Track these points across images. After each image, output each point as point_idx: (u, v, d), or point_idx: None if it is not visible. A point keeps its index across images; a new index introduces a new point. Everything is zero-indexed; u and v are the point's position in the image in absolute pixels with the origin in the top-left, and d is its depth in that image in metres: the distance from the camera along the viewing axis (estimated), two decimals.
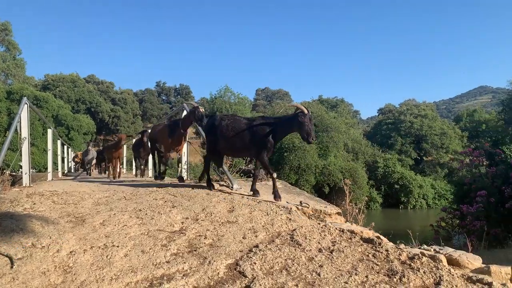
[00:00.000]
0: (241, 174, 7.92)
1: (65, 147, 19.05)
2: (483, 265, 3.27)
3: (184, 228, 3.73)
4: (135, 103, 78.54)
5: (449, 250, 3.48)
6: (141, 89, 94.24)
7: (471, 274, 3.01)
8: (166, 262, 2.98)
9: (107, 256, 3.04)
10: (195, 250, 3.20)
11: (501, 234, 12.57)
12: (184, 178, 7.21)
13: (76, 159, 21.99)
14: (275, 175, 5.19)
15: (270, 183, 5.63)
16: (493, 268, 3.12)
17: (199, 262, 2.97)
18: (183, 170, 7.44)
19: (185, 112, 7.51)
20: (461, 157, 18.65)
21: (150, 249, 3.20)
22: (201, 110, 6.64)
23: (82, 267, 2.87)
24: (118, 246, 3.23)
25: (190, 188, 5.47)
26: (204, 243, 3.36)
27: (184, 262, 2.96)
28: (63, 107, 48.96)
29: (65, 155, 18.74)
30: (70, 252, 3.11)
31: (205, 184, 6.02)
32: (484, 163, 16.19)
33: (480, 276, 2.97)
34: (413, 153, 49.38)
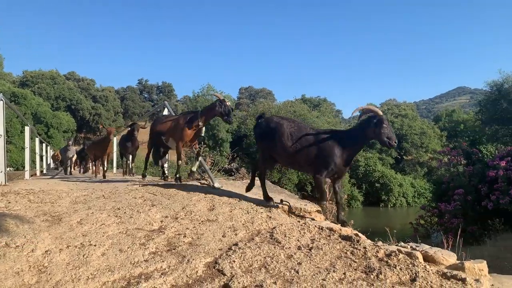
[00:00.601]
0: (223, 173, 7.90)
1: (44, 145, 18.65)
2: (458, 262, 3.34)
3: (163, 226, 3.70)
4: (117, 101, 77.56)
5: (425, 247, 3.54)
6: (122, 86, 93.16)
7: (446, 270, 3.08)
8: (144, 261, 2.96)
9: (83, 255, 2.99)
10: (174, 249, 3.18)
11: (478, 232, 12.90)
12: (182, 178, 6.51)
13: (55, 158, 21.37)
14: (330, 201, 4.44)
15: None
16: (467, 264, 3.20)
17: (177, 261, 2.95)
18: (164, 168, 7.36)
19: (166, 111, 7.43)
20: (440, 156, 19.05)
21: (128, 248, 3.17)
22: (227, 104, 5.90)
23: (57, 266, 2.82)
24: (95, 245, 3.18)
25: (171, 187, 5.42)
26: (184, 241, 3.34)
27: (163, 261, 2.93)
28: (42, 104, 48.00)
29: (44, 153, 18.35)
30: (45, 251, 3.05)
31: (185, 183, 6.00)
32: (462, 162, 16.58)
33: (455, 272, 3.03)
34: (393, 152, 50.14)
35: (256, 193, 5.06)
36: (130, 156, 10.32)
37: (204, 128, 6.37)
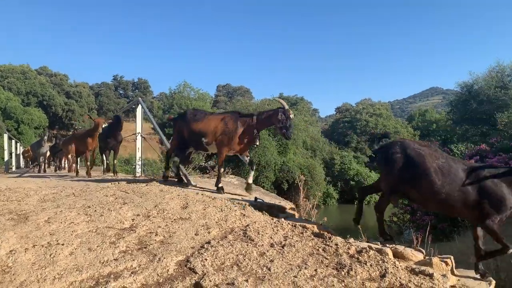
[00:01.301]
0: (197, 171, 7.84)
1: (13, 141, 18.03)
2: (426, 258, 3.44)
3: (134, 225, 3.64)
4: (91, 97, 75.88)
5: (395, 243, 3.62)
6: (97, 82, 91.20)
7: (414, 266, 3.15)
8: (114, 259, 2.90)
9: (50, 255, 2.91)
10: (145, 247, 3.13)
11: (448, 228, 13.27)
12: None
13: (26, 154, 20.40)
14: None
15: (226, 179, 5.63)
16: (435, 260, 3.29)
17: (148, 259, 2.90)
18: (138, 165, 7.24)
19: (140, 107, 7.29)
20: None
21: (97, 246, 3.10)
22: (291, 115, 5.15)
23: (22, 266, 2.72)
24: (63, 244, 3.10)
25: (144, 185, 5.34)
26: (155, 240, 3.29)
27: (133, 260, 2.88)
28: (12, 100, 46.42)
29: (13, 150, 17.74)
30: (10, 251, 2.95)
31: (159, 180, 5.92)
32: None
33: (423, 268, 3.11)
34: (368, 151, 51.00)
35: (230, 190, 5.06)
36: (113, 152, 8.90)
37: (259, 137, 5.50)
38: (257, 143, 5.46)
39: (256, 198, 4.74)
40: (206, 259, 2.92)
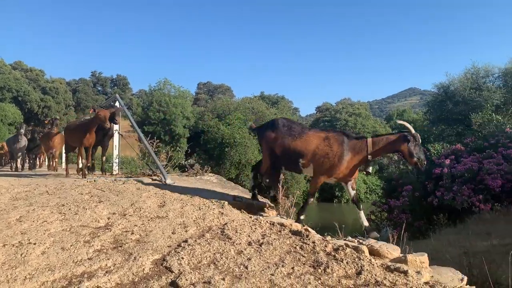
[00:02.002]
0: (176, 169, 7.75)
1: None
2: (401, 255, 3.49)
3: (110, 223, 3.58)
4: (68, 93, 74.18)
5: (372, 241, 3.66)
6: (74, 78, 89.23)
7: (389, 264, 3.20)
8: (88, 259, 2.84)
9: (21, 255, 2.82)
10: (120, 246, 3.08)
11: (424, 226, 13.56)
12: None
13: (1, 151, 19.29)
14: None
15: (205, 177, 5.58)
16: (410, 257, 3.34)
17: (124, 258, 2.86)
18: (115, 163, 7.12)
19: (117, 104, 7.15)
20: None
21: (71, 246, 3.03)
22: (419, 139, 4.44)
23: None
24: (35, 244, 3.02)
25: (120, 183, 5.25)
26: (131, 238, 3.24)
27: (108, 259, 2.83)
28: None
29: None
30: None
31: (137, 178, 5.84)
32: None
33: (398, 265, 3.16)
34: None
35: (209, 188, 5.02)
36: (101, 149, 7.72)
37: (372, 164, 4.81)
38: (370, 171, 4.92)
39: (235, 197, 4.72)
40: (182, 258, 2.89)
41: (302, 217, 4.54)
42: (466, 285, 3.42)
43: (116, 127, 7.04)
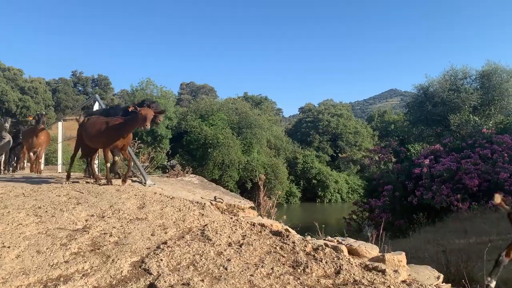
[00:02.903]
0: (156, 169, 7.68)
1: None
2: (380, 254, 3.54)
3: (88, 226, 3.52)
4: (48, 93, 72.71)
5: (351, 240, 3.71)
6: (54, 78, 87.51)
7: (368, 263, 3.24)
8: (64, 262, 2.79)
9: None
10: (98, 249, 3.04)
11: (404, 225, 13.81)
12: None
13: None
14: None
15: (187, 178, 5.55)
16: (388, 256, 3.40)
17: (101, 261, 2.82)
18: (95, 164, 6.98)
19: (97, 104, 7.04)
20: (371, 154, 20.12)
21: (47, 249, 2.97)
22: None
23: None
24: (9, 247, 2.95)
25: (99, 184, 5.17)
26: (109, 241, 3.20)
27: (85, 262, 2.79)
28: None
29: None
30: None
31: (117, 180, 5.76)
32: (392, 160, 17.66)
33: (376, 264, 3.20)
34: (329, 150, 52.08)
35: (190, 189, 5.00)
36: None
37: None
38: None
39: (215, 198, 4.71)
40: (161, 260, 2.87)
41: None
42: (442, 282, 3.50)
43: None
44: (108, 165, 5.61)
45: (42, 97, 68.76)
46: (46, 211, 3.82)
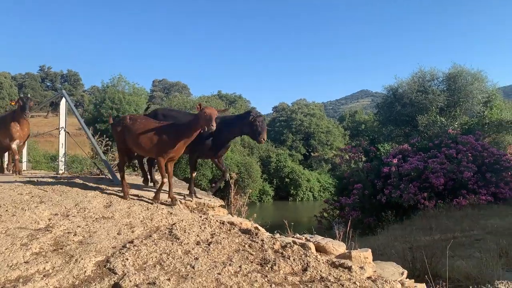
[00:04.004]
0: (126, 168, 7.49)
1: None
2: (346, 251, 3.60)
3: (51, 225, 3.41)
4: (13, 88, 70.03)
5: (318, 238, 3.76)
6: (21, 72, 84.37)
7: (335, 260, 3.29)
8: (24, 262, 2.69)
9: None
10: (61, 248, 2.95)
11: (373, 223, 14.10)
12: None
13: None
14: None
15: (157, 177, 5.45)
16: (354, 253, 3.46)
17: (64, 261, 2.74)
18: (61, 162, 6.75)
19: (64, 100, 6.80)
20: (342, 153, 20.44)
21: (6, 249, 2.86)
22: None
23: None
24: None
25: (65, 183, 5.01)
26: (73, 240, 3.11)
27: (47, 262, 2.70)
28: None
29: None
30: None
31: (85, 178, 5.61)
32: (362, 159, 17.99)
33: (343, 261, 3.25)
34: (302, 149, 52.58)
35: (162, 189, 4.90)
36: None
37: None
38: None
39: (185, 196, 4.65)
40: (127, 259, 2.82)
41: None
42: (406, 278, 3.59)
43: (62, 123, 6.72)
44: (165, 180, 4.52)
45: (7, 92, 66.20)
46: (7, 210, 3.68)
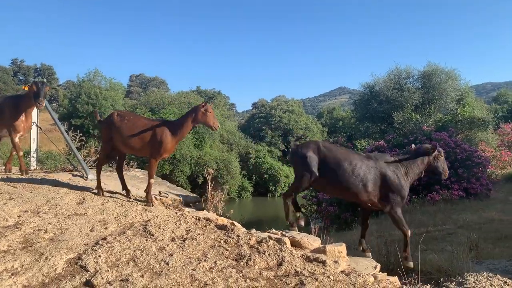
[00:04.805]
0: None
1: None
2: (321, 245, 3.64)
3: (20, 222, 3.32)
4: None
5: (293, 233, 3.79)
6: None
7: (309, 254, 3.32)
8: None
9: None
10: (30, 246, 2.87)
11: (350, 218, 14.30)
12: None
13: None
14: None
15: (131, 173, 5.38)
16: (328, 247, 3.50)
17: (34, 259, 2.67)
18: (33, 158, 6.57)
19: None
20: None
21: None
22: None
23: None
24: None
25: (37, 179, 4.87)
26: (43, 237, 3.04)
27: (15, 260, 2.63)
28: None
29: None
30: None
31: (58, 174, 5.48)
32: None
33: (317, 255, 3.29)
34: (281, 145, 52.84)
35: (134, 184, 4.86)
36: None
37: None
38: None
39: (160, 192, 4.61)
40: (100, 256, 2.77)
41: None
42: (379, 272, 3.67)
43: (34, 119, 6.52)
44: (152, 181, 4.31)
45: None
46: None
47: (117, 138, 4.30)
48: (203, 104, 4.26)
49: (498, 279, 3.44)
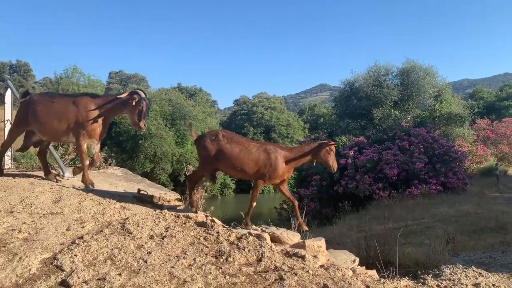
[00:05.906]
0: (77, 162, 7.22)
1: None
2: (300, 240, 3.67)
3: None
4: None
5: (273, 228, 3.80)
6: None
7: (289, 249, 3.34)
8: None
9: None
10: (3, 246, 2.80)
11: (330, 213, 14.47)
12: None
13: None
14: None
15: (109, 171, 5.30)
16: (308, 242, 3.53)
17: (7, 259, 2.61)
18: (7, 156, 6.38)
19: (9, 91, 6.43)
20: None
21: None
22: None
23: None
24: None
25: (11, 178, 4.75)
26: (17, 237, 2.96)
27: None
28: None
29: None
30: None
31: (34, 173, 5.35)
32: None
33: (297, 250, 3.32)
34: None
35: (112, 182, 4.78)
36: None
37: None
38: None
39: (139, 190, 4.55)
40: (76, 255, 2.72)
41: None
42: (358, 265, 3.72)
43: (8, 116, 6.35)
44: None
45: None
46: None
47: (222, 159, 4.13)
48: (333, 142, 4.21)
49: (473, 271, 3.53)
